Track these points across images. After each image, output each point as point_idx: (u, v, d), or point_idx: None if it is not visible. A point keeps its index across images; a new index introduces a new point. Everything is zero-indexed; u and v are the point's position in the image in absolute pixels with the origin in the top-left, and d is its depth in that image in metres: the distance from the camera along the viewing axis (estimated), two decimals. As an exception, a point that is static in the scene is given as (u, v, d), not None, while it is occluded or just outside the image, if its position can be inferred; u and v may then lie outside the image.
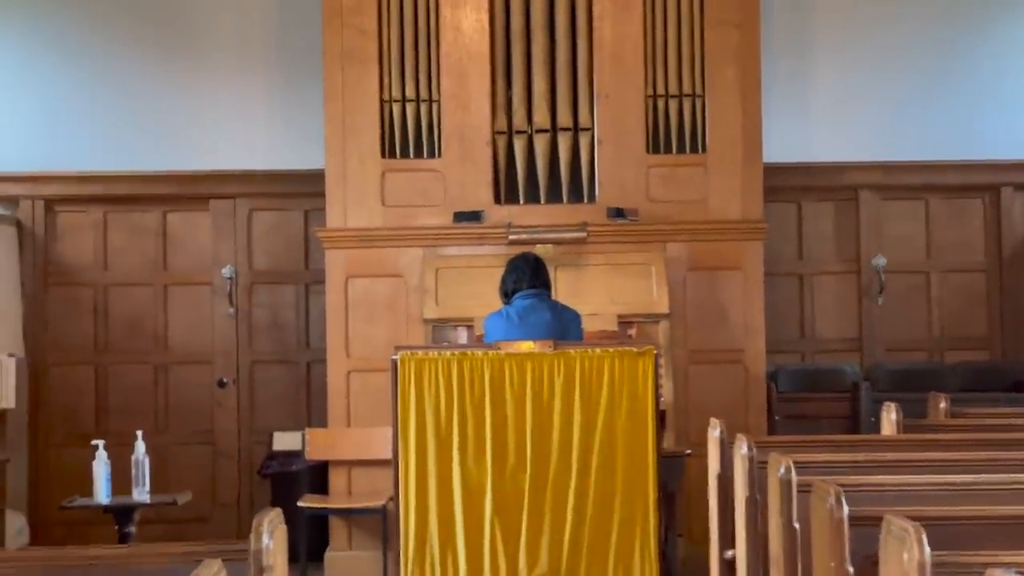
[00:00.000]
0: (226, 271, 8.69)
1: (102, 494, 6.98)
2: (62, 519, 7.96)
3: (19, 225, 8.68)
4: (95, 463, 7.00)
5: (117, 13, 8.80)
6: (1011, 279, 9.08)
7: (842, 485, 3.83)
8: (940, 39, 9.04)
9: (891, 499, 4.15)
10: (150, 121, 8.79)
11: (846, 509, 3.62)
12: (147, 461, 7.14)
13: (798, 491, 4.30)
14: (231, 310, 8.76)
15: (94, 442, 7.08)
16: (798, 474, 4.36)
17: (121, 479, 7.08)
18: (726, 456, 5.59)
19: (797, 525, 4.29)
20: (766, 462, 4.65)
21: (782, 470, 4.37)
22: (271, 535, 3.16)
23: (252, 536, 3.13)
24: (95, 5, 8.83)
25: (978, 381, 8.37)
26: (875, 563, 3.32)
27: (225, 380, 8.85)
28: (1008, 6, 9.04)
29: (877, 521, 3.32)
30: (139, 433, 7.10)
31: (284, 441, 8.51)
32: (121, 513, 7.03)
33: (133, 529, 7.06)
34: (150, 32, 8.85)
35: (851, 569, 3.57)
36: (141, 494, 7.01)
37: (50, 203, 8.76)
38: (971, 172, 8.94)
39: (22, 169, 8.60)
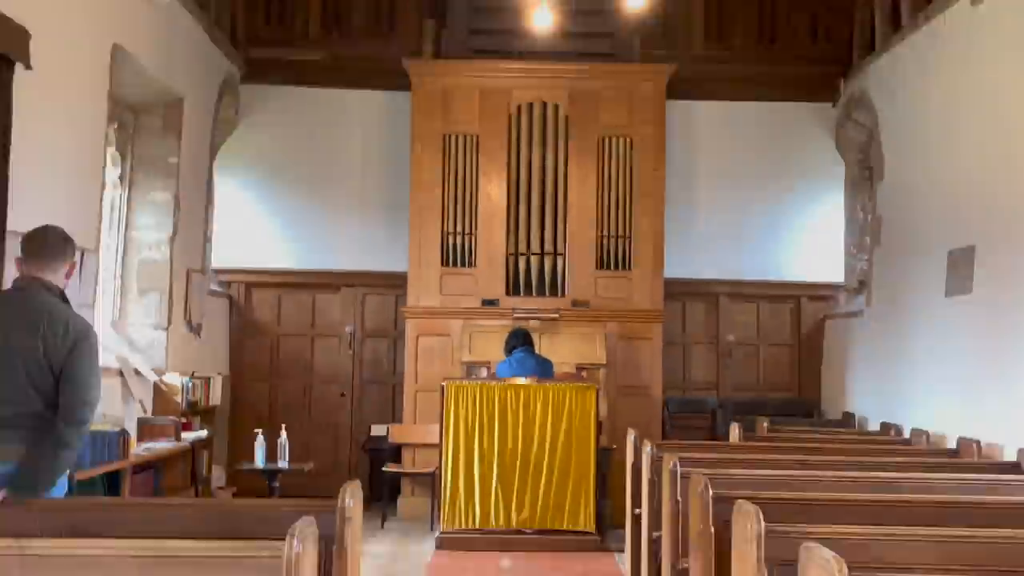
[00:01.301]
0: (349, 329, 9.73)
1: (259, 462, 7.67)
2: (239, 475, 8.57)
3: (231, 299, 9.78)
4: (255, 444, 7.67)
5: (286, 160, 9.79)
6: (804, 351, 10.09)
7: (708, 475, 3.91)
8: (774, 196, 9.91)
9: (739, 485, 4.34)
10: (305, 234, 9.78)
11: (711, 491, 3.73)
12: (287, 443, 7.66)
13: (681, 478, 4.48)
14: (350, 352, 9.76)
15: (255, 430, 7.81)
16: (681, 466, 4.57)
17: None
18: (637, 452, 5.82)
19: (680, 499, 4.48)
20: (662, 457, 4.87)
21: (672, 464, 4.61)
22: (352, 497, 3.17)
23: (339, 497, 3.16)
24: (270, 157, 9.80)
25: (786, 409, 9.23)
26: (728, 526, 3.40)
27: (344, 393, 9.79)
28: (808, 178, 9.89)
29: (730, 500, 3.41)
30: (283, 426, 7.83)
31: (378, 430, 9.43)
32: (270, 475, 7.66)
33: (277, 484, 7.61)
34: (311, 176, 9.81)
35: (713, 529, 3.71)
36: (283, 463, 7.68)
37: (248, 286, 9.78)
38: (782, 287, 9.96)
39: (232, 266, 9.73)
